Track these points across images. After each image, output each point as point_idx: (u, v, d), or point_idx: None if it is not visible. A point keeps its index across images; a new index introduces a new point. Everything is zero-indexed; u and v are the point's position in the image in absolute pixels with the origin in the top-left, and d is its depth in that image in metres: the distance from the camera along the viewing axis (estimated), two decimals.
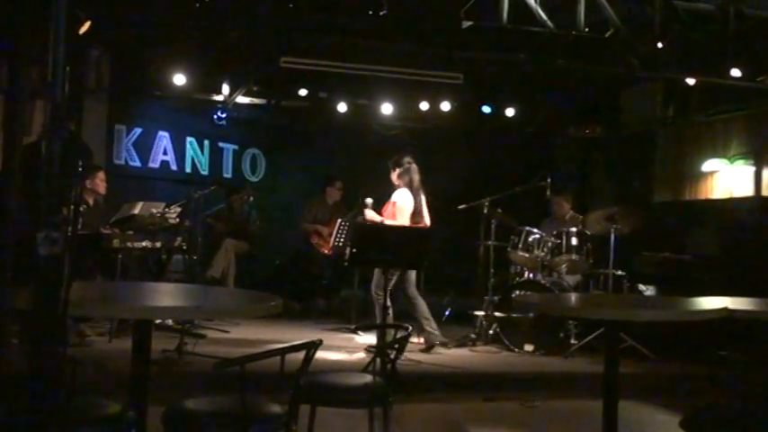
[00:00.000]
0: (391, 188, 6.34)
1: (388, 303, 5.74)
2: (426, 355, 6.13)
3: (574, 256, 6.78)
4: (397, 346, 3.31)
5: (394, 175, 6.30)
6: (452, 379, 5.58)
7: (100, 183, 6.73)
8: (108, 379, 4.04)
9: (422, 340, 6.22)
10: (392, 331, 4.00)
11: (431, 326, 6.26)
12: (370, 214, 6.15)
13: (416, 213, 6.18)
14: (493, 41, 6.30)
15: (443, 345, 6.53)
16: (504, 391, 5.34)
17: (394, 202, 6.18)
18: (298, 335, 6.69)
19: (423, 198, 6.25)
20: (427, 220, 6.29)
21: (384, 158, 6.55)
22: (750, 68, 6.52)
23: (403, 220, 6.09)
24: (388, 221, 6.06)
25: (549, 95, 9.02)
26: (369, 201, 6.19)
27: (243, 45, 7.30)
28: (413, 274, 6.27)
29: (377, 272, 6.11)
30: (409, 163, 6.27)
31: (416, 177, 6.24)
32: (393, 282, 6.11)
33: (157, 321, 5.92)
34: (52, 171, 1.86)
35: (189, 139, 9.41)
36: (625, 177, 9.30)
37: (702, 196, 8.23)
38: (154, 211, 6.43)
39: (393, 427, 3.29)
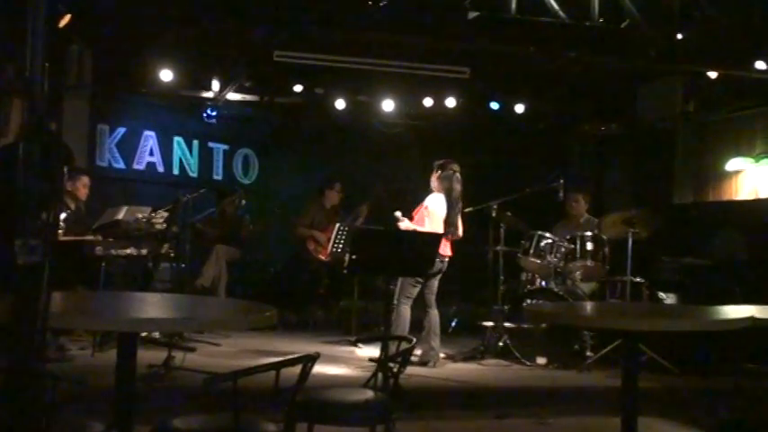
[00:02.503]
0: (394, 189, 6.35)
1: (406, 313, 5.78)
2: (432, 370, 6.12)
3: (589, 262, 6.77)
4: (400, 359, 3.30)
5: (434, 178, 6.35)
6: (460, 395, 5.57)
7: (82, 188, 6.74)
8: (90, 396, 4.03)
9: (419, 352, 6.22)
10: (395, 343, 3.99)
11: (435, 342, 6.26)
12: (405, 224, 6.14)
13: (450, 224, 6.20)
14: (501, 33, 6.30)
15: (451, 358, 6.53)
16: (515, 407, 5.32)
17: (426, 206, 6.20)
18: (294, 348, 6.68)
19: (459, 211, 6.28)
20: (460, 232, 6.35)
21: (385, 158, 6.56)
22: None
23: (434, 226, 6.10)
24: (419, 228, 6.07)
25: (562, 91, 9.02)
26: (398, 214, 6.20)
27: (234, 38, 7.31)
28: (436, 282, 6.28)
29: (405, 279, 6.13)
30: (454, 171, 6.29)
31: (458, 187, 6.29)
32: (417, 290, 6.15)
33: (143, 334, 5.93)
34: (31, 174, 1.85)
35: (177, 138, 9.42)
36: (643, 178, 9.30)
37: (726, 197, 8.22)
38: (139, 216, 6.43)
39: None
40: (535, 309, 5.20)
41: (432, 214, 6.14)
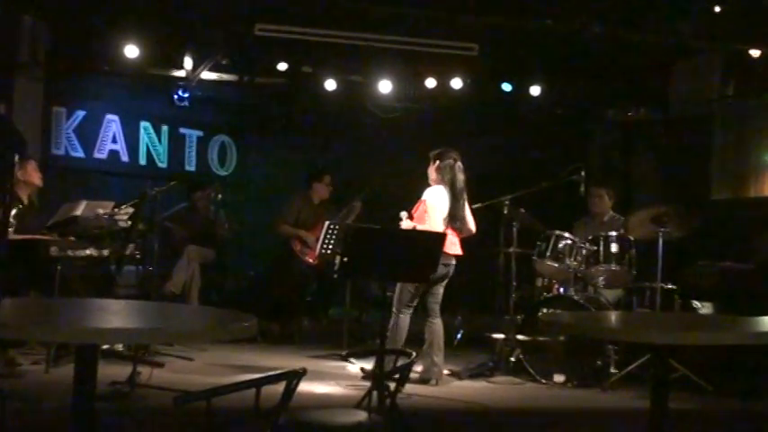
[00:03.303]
0: (395, 183, 6.35)
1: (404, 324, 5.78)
2: (434, 388, 6.13)
3: (613, 267, 6.78)
4: (397, 376, 3.31)
5: (432, 169, 6.34)
6: (466, 417, 5.57)
7: (34, 173, 6.71)
8: (44, 417, 4.03)
9: (419, 368, 6.23)
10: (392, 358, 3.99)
11: (438, 357, 6.27)
12: (408, 225, 6.14)
13: (455, 218, 6.19)
14: (514, 5, 6.32)
15: (456, 375, 6.53)
16: (530, 431, 5.33)
17: (424, 200, 6.18)
18: (276, 363, 6.67)
19: (466, 202, 6.29)
20: (472, 227, 6.35)
21: (382, 147, 6.57)
22: None
23: (434, 223, 6.09)
24: (419, 226, 6.07)
25: (584, 70, 9.03)
26: (404, 214, 6.21)
27: (210, 8, 7.31)
28: (440, 288, 6.29)
29: (403, 285, 6.14)
30: (455, 159, 6.29)
31: (461, 177, 6.28)
32: (417, 297, 6.16)
33: (105, 347, 5.93)
34: None
35: (143, 123, 9.41)
36: (676, 170, 9.31)
37: None
38: (100, 212, 6.42)
39: None
40: (552, 319, 5.20)
41: (432, 209, 6.13)
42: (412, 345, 5.89)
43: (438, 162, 6.31)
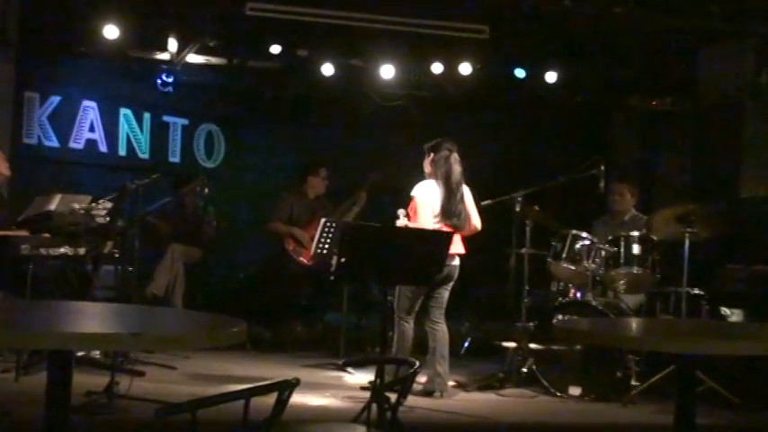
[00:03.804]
0: (397, 177, 6.35)
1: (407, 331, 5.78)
2: (438, 401, 6.13)
3: (635, 270, 6.78)
4: (399, 387, 3.31)
5: (426, 163, 6.38)
6: None
7: (2, 163, 6.72)
8: (14, 430, 4.04)
9: (422, 379, 6.23)
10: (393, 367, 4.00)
11: (442, 367, 6.27)
12: (401, 224, 6.16)
13: (450, 214, 6.19)
14: None
15: (463, 387, 6.55)
16: None
17: (413, 197, 6.20)
18: (267, 372, 6.68)
19: (465, 195, 6.29)
20: (477, 224, 6.36)
21: (383, 137, 6.57)
22: None
23: (422, 220, 6.10)
24: (410, 225, 6.08)
25: (604, 55, 9.02)
26: (401, 212, 6.22)
27: None
28: (445, 292, 6.30)
29: (400, 289, 6.14)
30: (449, 150, 6.31)
31: (457, 169, 6.29)
32: (419, 302, 6.16)
33: (80, 353, 5.92)
34: None
35: (123, 110, 9.41)
36: (704, 165, 9.30)
37: None
38: (76, 206, 6.42)
39: None
40: (568, 326, 5.20)
41: (420, 205, 6.15)
42: (416, 353, 5.90)
43: (433, 155, 6.34)
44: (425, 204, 6.17)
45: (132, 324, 3.21)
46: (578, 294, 6.93)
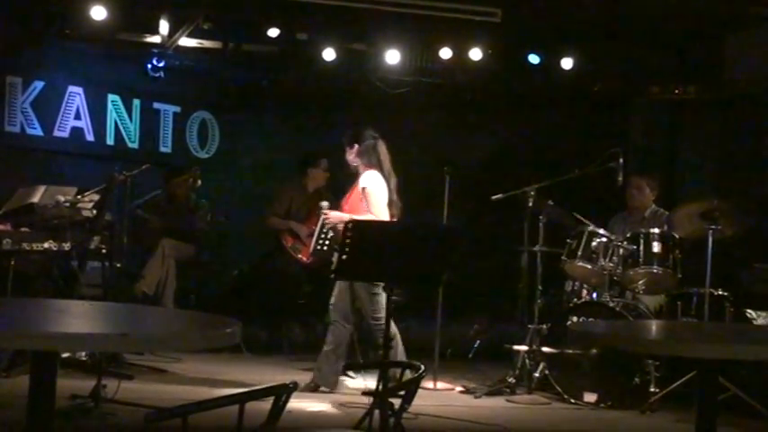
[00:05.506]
0: (402, 169, 6.35)
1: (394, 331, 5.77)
2: (446, 407, 6.14)
3: (655, 269, 6.78)
4: (403, 392, 3.32)
5: (351, 155, 6.44)
6: None
7: None
8: None
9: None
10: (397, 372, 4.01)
11: (338, 365, 6.31)
12: (336, 215, 6.20)
13: (391, 204, 6.25)
14: None
15: (471, 392, 6.58)
16: None
17: (363, 188, 6.22)
18: (263, 375, 6.70)
19: (395, 186, 6.34)
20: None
21: (388, 126, 6.58)
22: None
23: (379, 212, 6.14)
24: (356, 217, 6.08)
25: (623, 41, 9.01)
26: (325, 204, 6.35)
27: None
28: (336, 287, 6.35)
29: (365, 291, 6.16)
30: (374, 138, 6.35)
31: (387, 156, 6.35)
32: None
33: (65, 355, 5.94)
34: None
35: (111, 97, 9.41)
36: (729, 158, 9.30)
37: None
38: (61, 199, 6.43)
39: None
40: (583, 329, 5.21)
41: (376, 198, 6.18)
42: (417, 355, 5.90)
43: (357, 146, 6.35)
44: (382, 196, 6.20)
45: (120, 324, 3.22)
46: (594, 295, 6.94)
